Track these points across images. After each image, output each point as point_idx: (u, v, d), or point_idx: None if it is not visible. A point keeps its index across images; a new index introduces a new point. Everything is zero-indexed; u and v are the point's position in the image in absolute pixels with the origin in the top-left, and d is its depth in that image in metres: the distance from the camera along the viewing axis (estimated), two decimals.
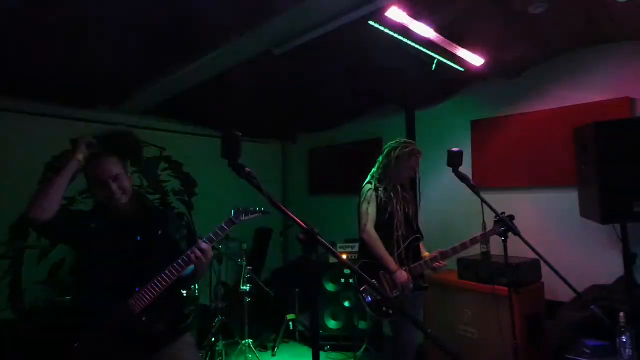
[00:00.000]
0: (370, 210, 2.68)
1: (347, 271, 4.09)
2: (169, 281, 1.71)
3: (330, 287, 4.14)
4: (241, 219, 1.95)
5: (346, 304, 4.12)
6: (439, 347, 1.06)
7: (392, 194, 2.72)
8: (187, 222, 3.88)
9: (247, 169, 1.44)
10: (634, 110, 3.00)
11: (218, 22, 2.33)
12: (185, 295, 3.28)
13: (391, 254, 2.63)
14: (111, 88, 3.39)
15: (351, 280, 3.91)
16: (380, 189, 2.73)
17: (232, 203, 3.10)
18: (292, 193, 5.91)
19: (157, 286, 1.69)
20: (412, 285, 2.60)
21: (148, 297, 1.68)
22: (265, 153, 5.72)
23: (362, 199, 2.74)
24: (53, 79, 3.07)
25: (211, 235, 1.82)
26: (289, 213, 1.43)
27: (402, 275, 2.56)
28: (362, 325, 3.93)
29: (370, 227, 2.66)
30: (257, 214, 2.02)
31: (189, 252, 1.74)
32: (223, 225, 1.87)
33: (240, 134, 1.44)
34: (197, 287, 3.45)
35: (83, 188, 4.21)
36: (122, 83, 3.30)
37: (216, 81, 3.14)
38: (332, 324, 4.11)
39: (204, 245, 1.77)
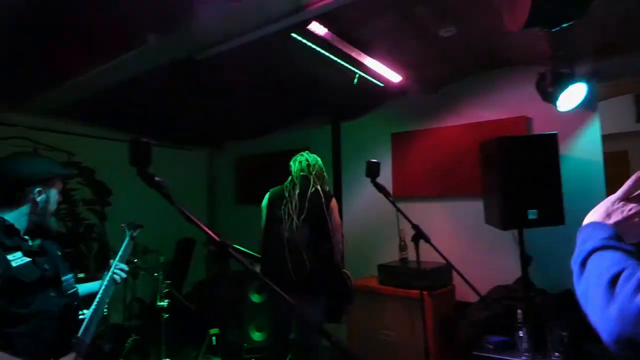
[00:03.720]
0: None
1: None
2: None
3: (255, 297, 4.07)
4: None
5: None
6: (340, 351, 1.09)
7: None
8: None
9: (157, 177, 1.37)
10: (531, 128, 3.37)
11: (132, 22, 2.21)
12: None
13: None
14: (11, 85, 3.06)
15: None
16: None
17: (151, 213, 2.94)
18: (218, 202, 5.75)
19: None
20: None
21: None
22: (190, 161, 5.50)
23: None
24: None
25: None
26: (200, 224, 1.37)
27: None
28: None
29: None
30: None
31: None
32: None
33: (149, 141, 1.37)
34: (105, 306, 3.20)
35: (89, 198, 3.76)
36: (23, 81, 2.99)
37: (134, 84, 2.97)
38: (256, 335, 4.03)
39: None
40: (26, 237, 1.66)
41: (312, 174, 2.88)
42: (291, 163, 2.99)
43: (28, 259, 1.58)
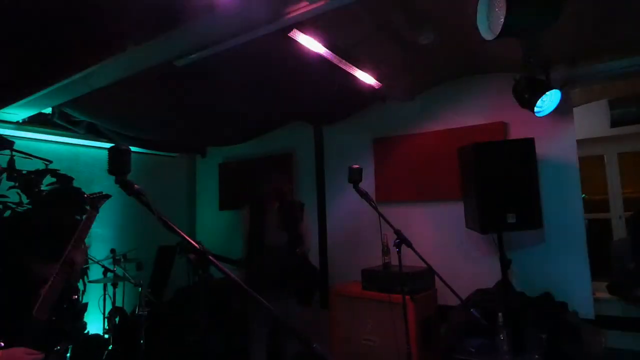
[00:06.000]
0: None
1: None
2: None
3: (236, 305, 4.02)
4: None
5: None
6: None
7: None
8: None
9: (136, 185, 1.35)
10: (508, 133, 3.44)
11: (112, 27, 2.18)
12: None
13: None
14: None
15: None
16: None
17: (132, 220, 2.88)
18: (201, 208, 5.68)
19: None
20: None
21: None
22: (173, 167, 5.43)
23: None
24: None
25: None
26: (179, 231, 1.36)
27: None
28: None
29: None
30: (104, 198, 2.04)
31: None
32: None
33: (129, 149, 1.36)
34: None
35: None
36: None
37: (113, 90, 2.93)
38: (239, 342, 3.98)
39: None
40: None
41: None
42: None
43: None
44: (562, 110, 3.05)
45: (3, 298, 1.64)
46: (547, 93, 2.71)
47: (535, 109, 2.79)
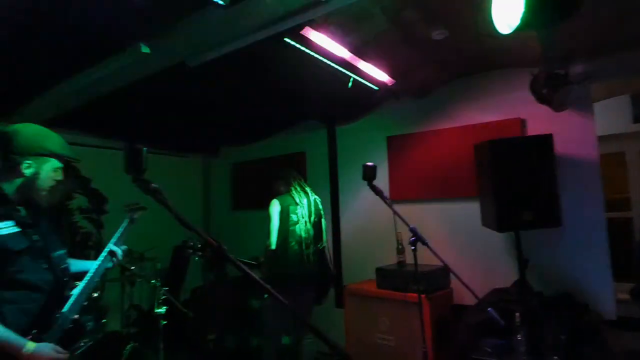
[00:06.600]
0: None
1: None
2: None
3: (255, 303, 4.05)
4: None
5: None
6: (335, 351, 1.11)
7: None
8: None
9: (152, 184, 1.37)
10: (525, 129, 3.38)
11: (121, 28, 2.20)
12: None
13: None
14: (2, 94, 3.05)
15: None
16: None
17: (147, 220, 2.92)
18: (214, 208, 5.73)
19: None
20: None
21: None
22: (186, 167, 5.49)
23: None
24: None
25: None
26: (197, 229, 1.37)
27: None
28: (286, 340, 3.88)
29: None
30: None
31: None
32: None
33: (144, 147, 1.37)
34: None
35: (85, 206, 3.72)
36: (14, 90, 2.98)
37: (126, 91, 2.96)
38: (255, 341, 4.01)
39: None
40: (20, 207, 1.67)
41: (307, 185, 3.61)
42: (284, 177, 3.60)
43: (18, 229, 1.60)
44: (582, 106, 2.98)
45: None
46: (566, 88, 2.65)
47: (554, 105, 2.73)
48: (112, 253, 1.92)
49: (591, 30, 2.54)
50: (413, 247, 2.26)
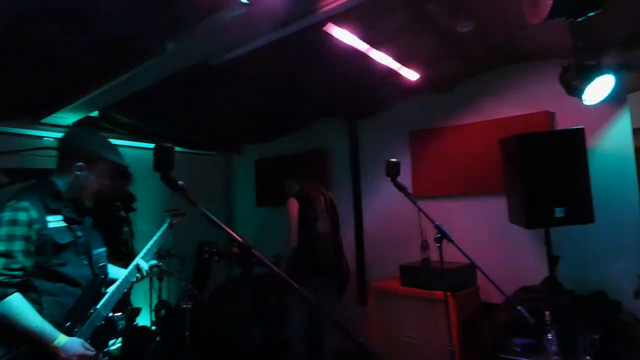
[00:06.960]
0: None
1: None
2: None
3: (279, 299, 4.07)
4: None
5: None
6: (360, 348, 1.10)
7: None
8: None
9: (180, 182, 1.40)
10: (554, 123, 3.27)
11: (145, 32, 2.24)
12: None
13: None
14: (32, 98, 3.15)
15: None
16: None
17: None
18: (238, 205, 5.79)
19: None
20: None
21: None
22: (210, 165, 5.56)
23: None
24: None
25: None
26: (223, 226, 1.39)
27: None
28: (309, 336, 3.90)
29: None
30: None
31: None
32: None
33: (172, 146, 1.40)
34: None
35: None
36: (45, 93, 3.07)
37: (151, 92, 3.02)
38: (280, 337, 4.03)
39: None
40: (70, 204, 1.76)
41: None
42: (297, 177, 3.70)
43: (65, 224, 1.70)
44: (614, 97, 2.86)
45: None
46: (599, 79, 2.55)
47: (585, 97, 2.63)
48: (137, 268, 1.94)
49: (624, 19, 2.43)
50: (439, 244, 2.22)
